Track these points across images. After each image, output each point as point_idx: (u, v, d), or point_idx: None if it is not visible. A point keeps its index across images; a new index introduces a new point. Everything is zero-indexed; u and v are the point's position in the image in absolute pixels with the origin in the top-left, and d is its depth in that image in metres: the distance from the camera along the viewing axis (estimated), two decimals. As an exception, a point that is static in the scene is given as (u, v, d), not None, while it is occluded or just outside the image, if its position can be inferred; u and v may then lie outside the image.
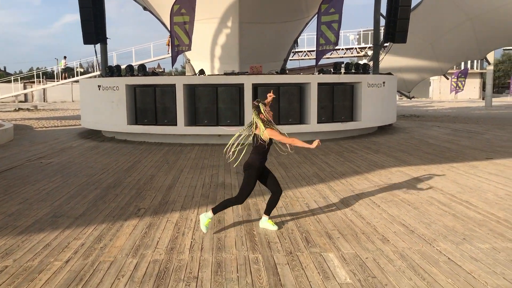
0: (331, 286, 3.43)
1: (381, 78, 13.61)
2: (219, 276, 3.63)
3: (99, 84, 12.91)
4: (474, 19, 19.21)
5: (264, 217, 4.86)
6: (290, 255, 4.06)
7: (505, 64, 64.30)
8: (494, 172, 7.70)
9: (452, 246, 4.22)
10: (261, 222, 4.89)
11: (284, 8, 16.98)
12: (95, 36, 14.09)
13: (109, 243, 4.41)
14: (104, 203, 5.94)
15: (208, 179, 7.43)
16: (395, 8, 13.96)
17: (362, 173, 7.80)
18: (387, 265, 3.81)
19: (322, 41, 13.73)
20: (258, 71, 12.54)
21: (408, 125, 16.88)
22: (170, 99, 11.96)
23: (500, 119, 19.92)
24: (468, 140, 12.00)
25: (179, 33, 13.27)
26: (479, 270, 3.67)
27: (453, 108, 29.52)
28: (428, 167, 8.24)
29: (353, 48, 36.44)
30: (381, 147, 10.88)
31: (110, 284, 3.48)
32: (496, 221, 4.97)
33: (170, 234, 4.67)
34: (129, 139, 12.77)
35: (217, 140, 11.91)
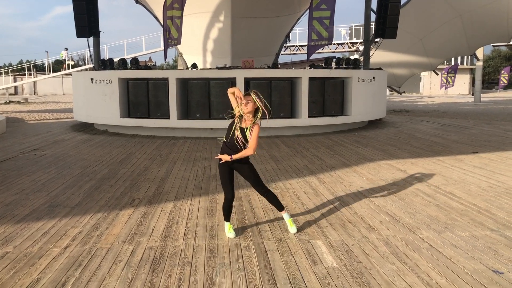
0: (318, 270, 3.62)
1: (371, 73, 13.82)
2: (212, 261, 3.81)
3: (92, 77, 12.98)
4: (463, 16, 19.48)
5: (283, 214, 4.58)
6: (280, 242, 4.24)
7: (495, 60, 64.94)
8: (478, 165, 7.94)
9: (434, 234, 4.43)
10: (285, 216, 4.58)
11: (276, 3, 17.11)
12: (88, 29, 14.14)
13: (106, 231, 4.57)
14: (99, 193, 6.09)
15: (200, 171, 7.60)
16: (385, 4, 14.17)
17: (351, 166, 8.01)
18: (372, 251, 4.01)
19: (314, 37, 13.90)
20: (250, 66, 12.69)
21: (398, 119, 17.14)
22: (162, 92, 12.07)
23: (488, 114, 20.26)
24: (456, 135, 12.26)
25: (170, 27, 13.35)
26: (458, 256, 3.88)
27: (443, 103, 29.87)
28: (415, 160, 8.47)
29: (345, 43, 36.63)
30: (370, 141, 11.10)
31: (108, 269, 3.64)
32: (477, 211, 5.19)
33: (164, 222, 4.84)
34: (122, 132, 12.87)
35: (209, 134, 12.06)
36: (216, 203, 5.61)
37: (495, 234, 4.43)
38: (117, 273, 3.57)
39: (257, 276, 3.52)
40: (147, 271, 3.60)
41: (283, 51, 36.72)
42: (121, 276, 3.50)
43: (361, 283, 3.39)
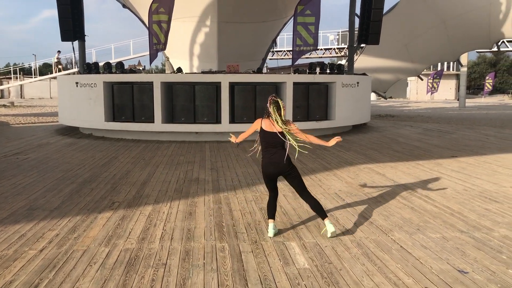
0: (289, 271, 3.70)
1: (355, 78, 13.99)
2: (186, 262, 3.87)
3: (77, 81, 12.97)
4: (447, 22, 19.79)
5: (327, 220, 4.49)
6: (255, 244, 4.32)
7: (480, 66, 65.80)
8: (456, 169, 8.10)
9: (406, 236, 4.54)
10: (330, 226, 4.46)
11: (262, 8, 17.23)
12: (73, 33, 14.12)
13: (83, 233, 4.60)
14: (79, 196, 6.11)
15: (182, 174, 7.65)
16: (368, 11, 14.36)
17: (332, 169, 8.12)
18: (343, 252, 4.10)
19: (299, 42, 14.03)
20: (235, 70, 12.77)
21: (382, 124, 17.33)
22: (147, 96, 12.11)
23: (471, 119, 20.56)
24: (437, 139, 12.45)
25: (157, 31, 13.40)
26: (426, 257, 3.99)
27: (428, 108, 30.22)
28: (395, 164, 8.61)
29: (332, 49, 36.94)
30: (353, 145, 11.24)
31: (82, 270, 3.68)
32: (450, 214, 5.32)
33: (142, 225, 4.89)
34: (107, 136, 12.86)
35: (194, 138, 12.12)
36: (195, 206, 5.67)
37: (465, 235, 4.55)
38: (91, 274, 3.61)
39: (229, 277, 3.59)
40: (121, 273, 3.65)
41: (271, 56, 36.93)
42: (94, 278, 3.55)
43: (330, 283, 3.48)
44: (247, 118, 12.23)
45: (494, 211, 5.42)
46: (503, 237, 4.49)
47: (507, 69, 63.56)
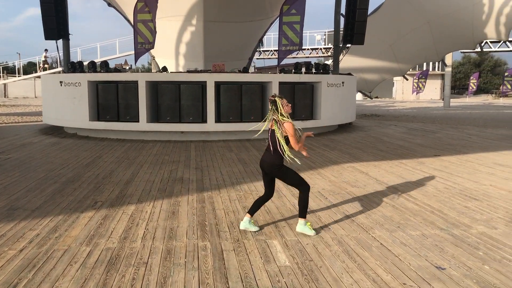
0: (270, 268, 3.73)
1: (341, 78, 14.08)
2: (167, 261, 3.88)
3: (61, 80, 12.86)
4: (431, 23, 20.02)
5: (300, 220, 4.58)
6: (237, 242, 4.34)
7: (465, 66, 66.60)
8: (438, 168, 8.21)
9: (386, 233, 4.60)
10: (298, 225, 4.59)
11: (248, 8, 17.25)
12: (56, 32, 14.00)
13: (64, 233, 4.58)
14: (62, 196, 6.07)
15: (166, 174, 7.63)
16: (353, 11, 14.47)
17: (316, 168, 8.17)
18: (324, 249, 4.14)
19: (285, 42, 14.08)
20: (220, 69, 12.78)
21: (367, 124, 17.47)
22: (132, 95, 12.05)
23: (455, 119, 20.83)
24: (421, 138, 12.60)
25: (143, 30, 13.35)
26: (405, 254, 4.05)
27: (414, 108, 30.53)
28: (378, 163, 8.69)
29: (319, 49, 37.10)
30: (338, 145, 11.32)
31: (62, 270, 3.67)
32: (430, 211, 5.40)
33: (124, 224, 4.88)
34: (91, 136, 12.77)
35: (179, 137, 12.10)
36: (178, 205, 5.67)
37: (444, 232, 4.63)
38: (71, 274, 3.60)
39: (210, 275, 3.61)
40: (101, 272, 3.64)
41: (258, 55, 36.99)
42: (75, 277, 3.54)
43: (310, 280, 3.51)
44: (233, 118, 12.25)
45: (473, 209, 5.51)
46: (480, 234, 4.58)
47: (491, 69, 64.46)
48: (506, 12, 18.76)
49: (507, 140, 12.34)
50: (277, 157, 4.49)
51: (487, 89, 60.29)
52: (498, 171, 7.92)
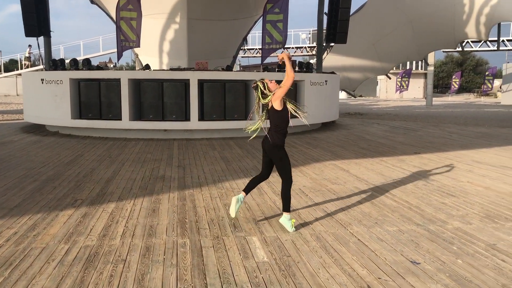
0: (248, 264, 3.77)
1: (324, 77, 14.18)
2: (146, 258, 3.89)
3: (42, 78, 12.72)
4: (413, 22, 20.27)
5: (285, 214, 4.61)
6: (217, 239, 4.37)
7: (448, 66, 67.49)
8: (418, 165, 8.34)
9: (364, 229, 4.67)
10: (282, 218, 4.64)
11: (232, 6, 17.25)
12: (37, 28, 13.83)
13: (43, 231, 4.55)
14: (41, 194, 6.02)
15: (148, 172, 7.62)
16: (336, 10, 14.58)
17: (298, 166, 8.23)
18: (302, 245, 4.20)
19: (268, 40, 14.13)
20: (204, 67, 12.77)
21: (350, 122, 17.62)
22: (115, 93, 11.97)
23: (436, 117, 21.11)
24: (402, 137, 12.76)
25: (125, 28, 13.26)
26: (382, 249, 4.12)
27: (397, 107, 30.85)
28: (359, 160, 8.79)
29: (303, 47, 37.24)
30: (320, 143, 11.41)
31: (39, 268, 3.65)
32: (408, 208, 5.49)
33: (104, 222, 4.87)
34: (73, 134, 12.66)
35: (162, 135, 12.06)
36: (159, 203, 5.67)
37: (420, 228, 4.72)
38: (48, 271, 3.59)
39: (188, 271, 3.63)
40: (79, 269, 3.64)
41: (243, 54, 36.99)
42: (52, 275, 3.53)
43: (287, 275, 3.56)
44: (216, 116, 12.26)
45: (450, 205, 5.62)
46: (455, 229, 4.68)
47: (473, 68, 65.45)
48: (486, 12, 19.09)
49: (485, 138, 12.57)
50: (279, 137, 4.55)
51: (469, 88, 61.18)
52: (476, 168, 8.08)
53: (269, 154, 4.64)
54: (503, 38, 30.86)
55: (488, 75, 38.16)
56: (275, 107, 4.51)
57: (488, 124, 17.34)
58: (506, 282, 3.44)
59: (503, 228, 4.75)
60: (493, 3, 18.54)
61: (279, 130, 4.55)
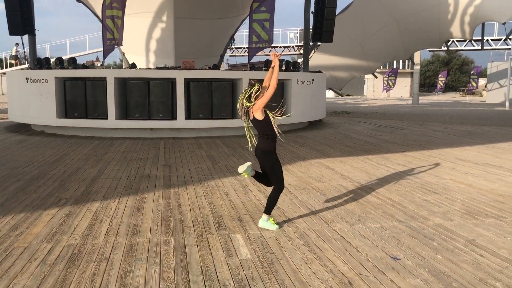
0: (231, 262, 3.79)
1: (310, 76, 14.25)
2: (129, 256, 3.89)
3: (27, 77, 12.60)
4: (399, 21, 20.45)
5: (264, 216, 4.62)
6: (200, 237, 4.39)
7: (434, 65, 68.10)
8: (402, 163, 8.44)
9: (347, 226, 4.72)
10: (260, 221, 4.65)
11: (219, 4, 17.26)
12: (21, 27, 13.68)
13: (26, 230, 4.53)
14: (25, 194, 5.98)
15: (134, 171, 7.60)
16: (322, 9, 14.66)
17: (284, 164, 8.24)
18: (286, 243, 4.23)
19: (255, 39, 14.14)
20: (190, 66, 12.76)
21: (337, 120, 17.73)
22: (100, 92, 11.91)
23: (422, 115, 21.33)
24: (388, 135, 12.88)
25: (111, 26, 13.19)
26: (364, 245, 4.18)
27: (383, 105, 31.08)
28: (345, 158, 8.87)
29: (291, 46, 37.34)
30: (307, 141, 11.47)
31: (21, 267, 3.64)
32: (391, 205, 5.56)
33: (88, 221, 4.86)
34: (59, 133, 12.56)
35: (149, 134, 12.03)
36: (144, 202, 5.67)
37: (402, 225, 4.79)
38: (30, 270, 3.58)
39: (171, 269, 3.64)
40: (61, 268, 3.63)
41: (230, 52, 36.96)
42: (34, 274, 3.52)
43: (269, 272, 3.59)
44: (203, 115, 12.25)
45: (432, 202, 5.71)
46: (436, 226, 4.76)
47: (459, 67, 66.12)
48: (470, 12, 19.34)
49: (470, 136, 12.75)
50: (268, 143, 4.53)
51: (455, 87, 61.80)
52: (459, 165, 8.20)
53: (262, 161, 4.60)
54: (488, 37, 31.27)
55: (473, 74, 38.63)
56: (257, 118, 4.47)
57: (472, 122, 17.58)
58: (483, 276, 3.51)
59: (483, 224, 4.84)
60: (477, 3, 18.80)
61: (268, 136, 4.52)
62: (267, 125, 4.48)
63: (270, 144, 4.52)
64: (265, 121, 4.47)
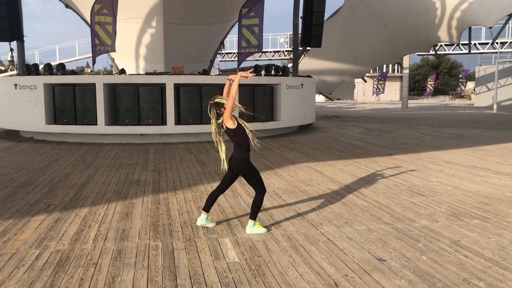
0: (219, 265, 3.82)
1: (300, 80, 14.34)
2: (118, 261, 3.91)
3: (16, 83, 12.55)
4: (387, 26, 20.66)
5: (250, 222, 4.66)
6: (189, 241, 4.41)
7: (424, 68, 68.69)
8: (390, 166, 8.52)
9: (334, 229, 4.77)
10: (247, 228, 4.66)
11: (208, 10, 17.31)
12: (10, 33, 13.63)
13: (13, 237, 4.53)
14: (13, 200, 5.97)
15: (123, 176, 7.60)
16: (310, 14, 14.78)
17: (273, 168, 8.32)
18: (274, 246, 4.27)
19: (244, 44, 14.22)
20: (180, 71, 12.78)
21: (327, 125, 17.83)
22: (90, 98, 11.89)
23: (411, 119, 21.51)
24: (377, 138, 12.99)
25: (100, 33, 13.18)
26: (350, 247, 4.23)
27: (373, 109, 31.30)
28: (334, 162, 8.94)
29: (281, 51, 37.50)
30: (296, 145, 11.53)
31: (8, 273, 3.64)
32: (378, 207, 5.63)
33: (76, 227, 4.86)
34: (48, 139, 12.51)
35: (138, 140, 12.02)
36: (133, 207, 5.68)
37: (388, 227, 4.85)
38: (18, 276, 3.58)
39: (159, 273, 3.67)
40: (49, 274, 3.64)
41: (221, 58, 37.02)
42: (21, 280, 3.52)
43: (257, 274, 3.63)
44: (193, 120, 12.28)
45: (418, 204, 5.78)
46: (422, 227, 4.82)
47: (448, 71, 66.76)
48: (457, 16, 19.60)
49: (457, 139, 12.90)
50: (243, 152, 4.61)
51: (444, 91, 62.37)
52: (446, 168, 8.30)
53: (238, 171, 4.68)
54: (475, 41, 31.65)
55: (462, 78, 39.05)
56: (229, 127, 4.57)
57: (460, 125, 17.77)
58: (467, 276, 3.58)
59: (468, 225, 4.92)
60: (463, 8, 19.06)
61: (242, 146, 4.60)
62: (240, 134, 4.58)
63: (243, 153, 4.62)
64: (238, 130, 4.58)
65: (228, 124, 4.55)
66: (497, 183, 7.03)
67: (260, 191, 4.66)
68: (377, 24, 20.77)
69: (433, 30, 20.80)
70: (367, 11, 20.31)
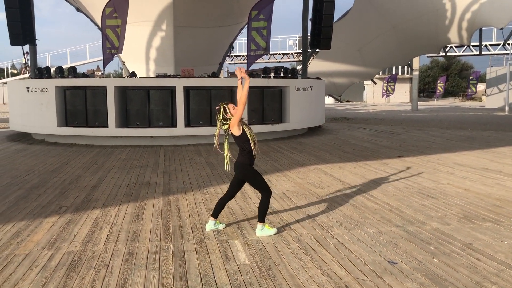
0: (230, 267, 3.84)
1: (309, 82, 14.33)
2: (129, 263, 3.94)
3: (28, 86, 12.69)
4: (397, 28, 20.57)
5: (259, 225, 4.67)
6: (199, 243, 4.43)
7: (434, 70, 68.25)
8: (401, 168, 8.48)
9: (345, 231, 4.77)
10: (257, 230, 4.68)
11: (218, 13, 17.38)
12: (22, 37, 13.80)
13: (26, 238, 4.58)
14: (26, 202, 6.04)
15: (134, 178, 7.65)
16: (320, 17, 14.77)
17: (283, 170, 8.32)
18: (284, 248, 4.28)
19: (253, 47, 14.24)
20: (189, 74, 12.84)
21: (337, 127, 17.79)
22: (101, 101, 11.99)
23: (421, 121, 21.38)
24: (387, 140, 12.93)
25: (111, 36, 13.30)
26: (361, 250, 4.22)
27: (383, 111, 31.15)
28: (344, 164, 8.91)
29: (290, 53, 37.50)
30: (306, 147, 11.52)
31: (22, 274, 3.69)
32: (388, 210, 5.60)
33: (88, 228, 4.90)
34: (60, 142, 12.63)
35: (149, 142, 12.09)
36: (144, 209, 5.72)
37: (399, 229, 4.83)
38: (31, 277, 3.62)
39: (170, 275, 3.69)
40: (62, 275, 3.68)
41: (230, 60, 37.13)
42: (35, 280, 3.57)
43: (267, 277, 3.63)
44: (202, 122, 12.33)
45: (429, 206, 5.75)
46: (433, 230, 4.80)
47: (458, 73, 66.26)
48: (468, 17, 19.45)
49: (468, 141, 12.79)
50: (244, 156, 4.64)
51: (455, 92, 61.89)
52: (457, 170, 8.24)
53: (241, 176, 4.72)
54: (486, 42, 31.39)
55: (472, 79, 38.75)
56: (234, 133, 4.63)
57: (471, 127, 17.62)
58: (480, 280, 3.55)
59: (480, 228, 4.88)
60: (474, 9, 18.92)
61: (245, 151, 4.65)
62: (244, 140, 4.62)
63: (244, 157, 4.65)
64: (243, 137, 4.62)
65: (233, 131, 4.62)
66: (510, 185, 6.97)
67: (266, 193, 4.68)
68: (387, 26, 20.69)
69: (443, 32, 20.67)
70: (376, 13, 20.25)
